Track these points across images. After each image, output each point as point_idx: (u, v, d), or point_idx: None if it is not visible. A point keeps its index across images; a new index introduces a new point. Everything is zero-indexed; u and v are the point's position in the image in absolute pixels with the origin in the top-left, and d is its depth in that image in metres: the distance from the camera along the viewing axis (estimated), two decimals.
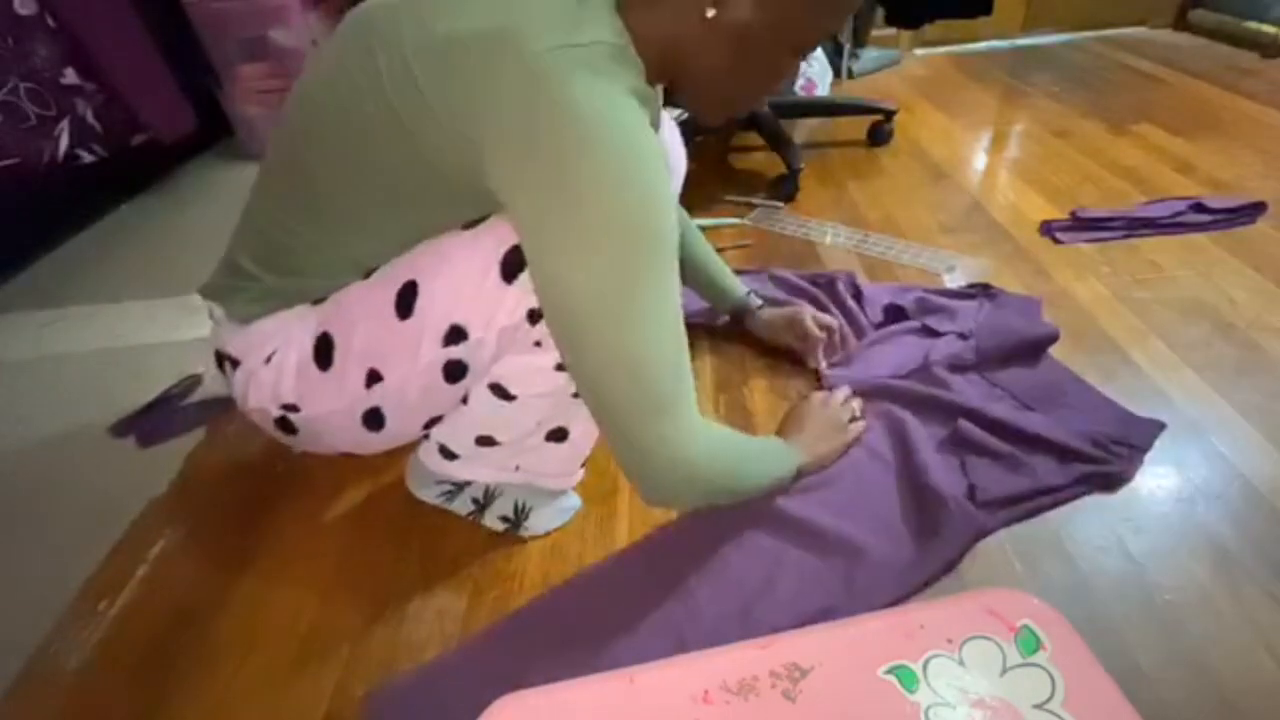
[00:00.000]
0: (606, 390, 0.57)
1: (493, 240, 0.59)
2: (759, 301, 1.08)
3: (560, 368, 0.63)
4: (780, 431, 0.88)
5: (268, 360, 0.68)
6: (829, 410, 0.88)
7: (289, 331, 0.67)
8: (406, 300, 0.61)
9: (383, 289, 0.63)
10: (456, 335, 0.61)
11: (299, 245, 0.65)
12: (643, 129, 0.54)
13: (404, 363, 0.63)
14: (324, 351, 0.65)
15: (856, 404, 0.91)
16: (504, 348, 0.63)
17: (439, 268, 0.60)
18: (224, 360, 0.72)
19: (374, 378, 0.64)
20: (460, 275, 0.59)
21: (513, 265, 0.58)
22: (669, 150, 0.89)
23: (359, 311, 0.64)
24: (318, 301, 0.67)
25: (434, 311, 0.60)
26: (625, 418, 0.57)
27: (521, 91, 0.51)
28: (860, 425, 0.88)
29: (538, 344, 0.62)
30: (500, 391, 0.66)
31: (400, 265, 0.63)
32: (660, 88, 0.72)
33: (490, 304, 0.59)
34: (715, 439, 0.65)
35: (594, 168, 0.51)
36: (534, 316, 0.60)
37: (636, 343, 0.55)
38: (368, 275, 0.65)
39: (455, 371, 0.63)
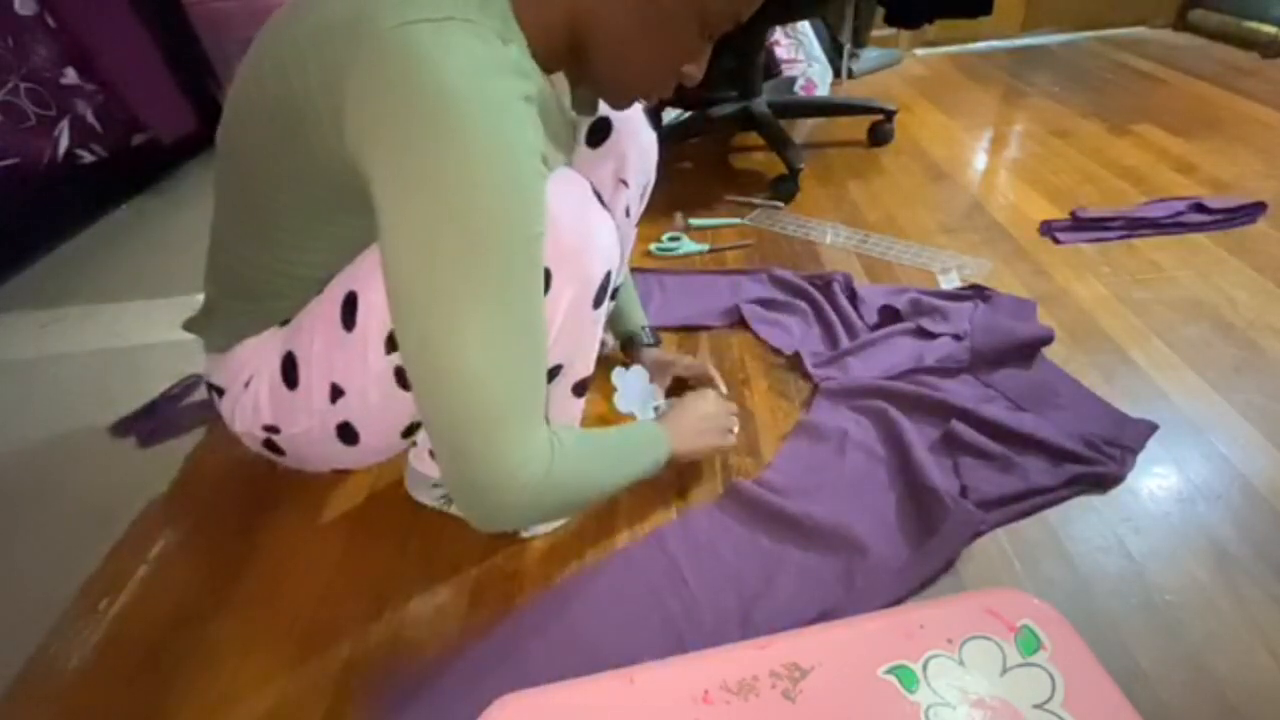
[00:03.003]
0: (432, 400, 0.52)
1: None
2: (650, 340, 1.01)
3: None
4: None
5: (246, 385, 0.69)
6: (710, 407, 0.83)
7: (261, 355, 0.68)
8: (349, 311, 0.61)
9: (330, 303, 0.63)
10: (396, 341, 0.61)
11: (251, 268, 0.66)
12: (502, 106, 0.49)
13: (358, 374, 0.63)
14: (290, 371, 0.66)
15: (733, 410, 0.87)
16: None
17: (372, 275, 0.60)
18: (212, 390, 0.74)
19: (336, 392, 0.65)
20: None
21: None
22: (634, 132, 0.85)
23: (313, 327, 0.65)
24: (285, 323, 0.68)
25: (372, 319, 0.61)
26: (452, 433, 0.52)
27: (367, 71, 0.48)
28: (732, 439, 0.84)
29: None
30: None
31: (343, 276, 0.63)
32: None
33: None
34: (566, 454, 0.58)
35: (442, 146, 0.47)
36: None
37: (469, 347, 0.50)
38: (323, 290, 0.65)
39: (407, 378, 0.63)
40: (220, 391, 0.72)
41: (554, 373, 0.66)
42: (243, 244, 0.65)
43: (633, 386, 0.97)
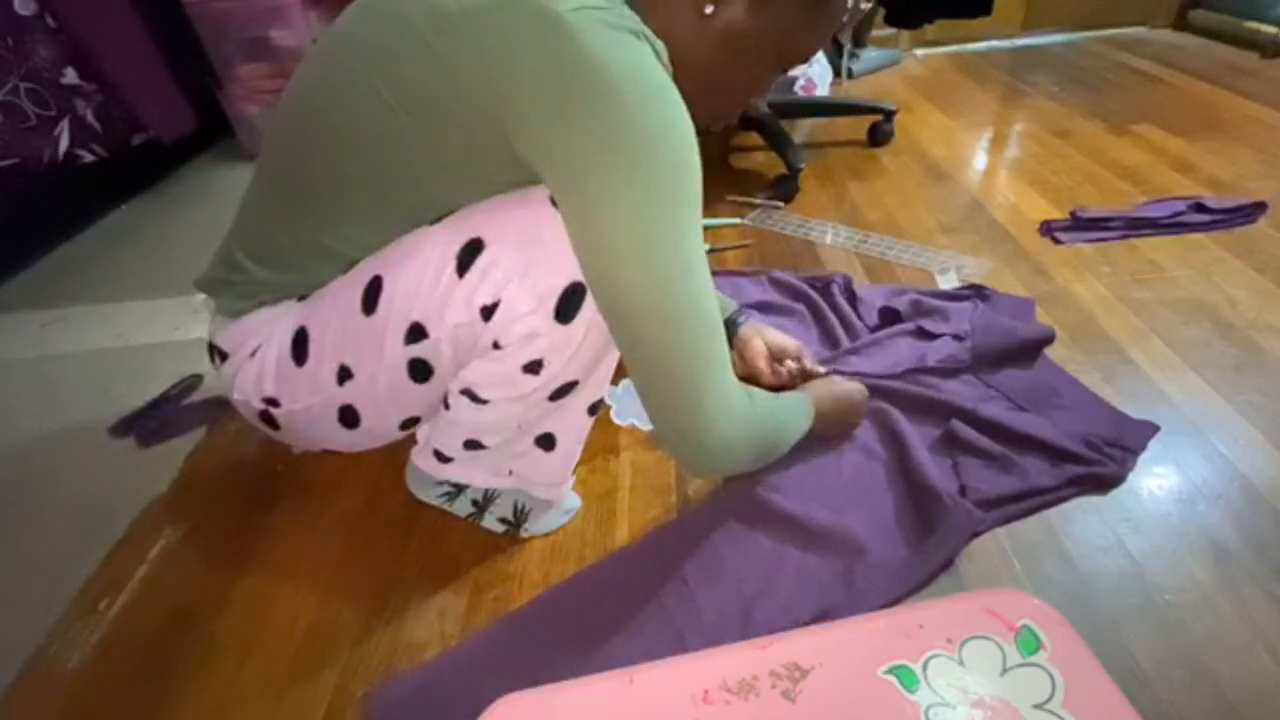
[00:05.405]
0: (661, 338, 0.55)
1: (453, 234, 0.59)
2: (744, 318, 0.97)
3: (528, 369, 0.62)
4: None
5: (252, 354, 0.69)
6: (852, 402, 0.87)
7: (273, 326, 0.68)
8: (372, 296, 0.61)
9: (354, 285, 0.63)
10: (417, 333, 0.61)
11: (292, 240, 0.65)
12: (671, 84, 0.53)
13: (371, 360, 0.63)
14: (300, 346, 0.65)
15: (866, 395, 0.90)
16: (462, 348, 0.62)
17: (402, 263, 0.60)
18: (214, 353, 0.72)
19: (345, 374, 0.65)
20: (420, 270, 0.59)
21: (468, 258, 0.58)
22: None
23: (332, 307, 0.64)
24: (303, 298, 0.67)
25: (395, 308, 0.61)
26: (681, 368, 0.56)
27: (547, 46, 0.50)
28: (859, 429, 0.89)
29: (496, 345, 0.61)
30: (472, 396, 0.65)
31: (372, 261, 0.63)
32: None
33: (444, 299, 0.59)
34: (755, 393, 0.66)
35: (634, 114, 0.50)
36: (487, 312, 0.59)
37: (687, 287, 0.55)
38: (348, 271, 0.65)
39: (420, 371, 0.63)
40: (223, 355, 0.71)
41: (571, 387, 0.66)
42: (289, 213, 0.65)
43: (625, 400, 0.97)
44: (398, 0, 0.56)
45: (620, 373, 1.02)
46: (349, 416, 0.68)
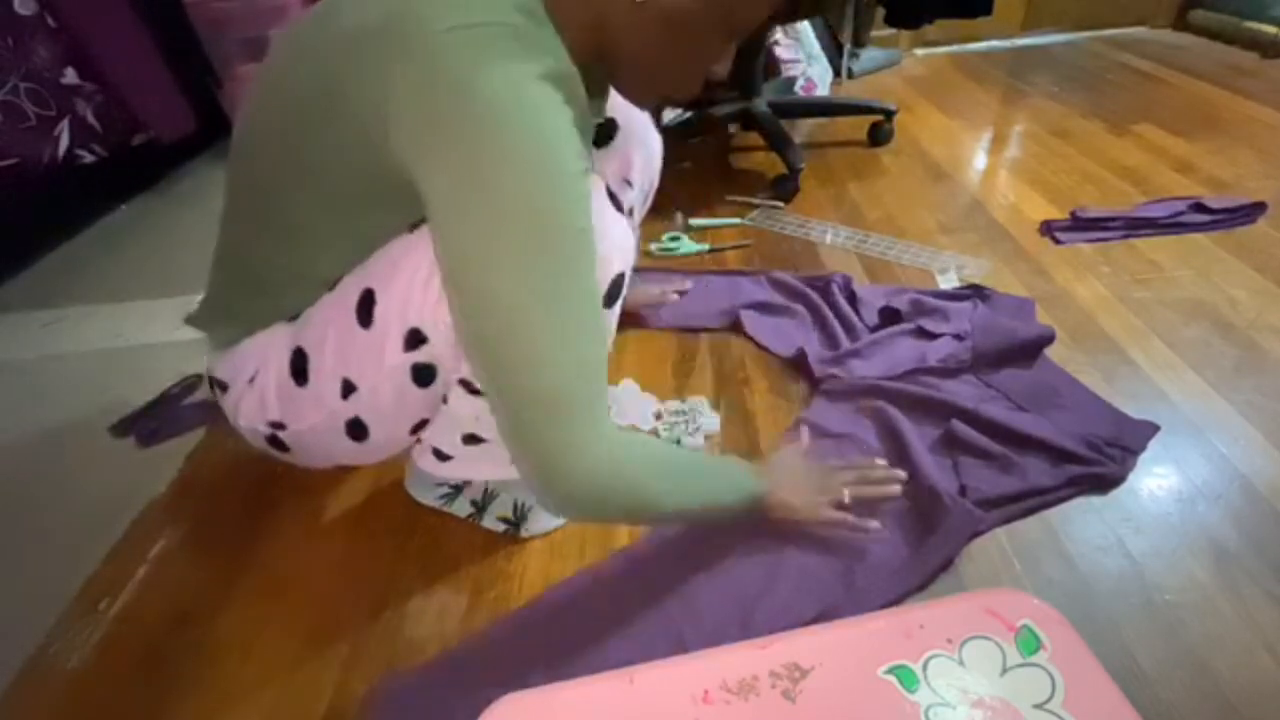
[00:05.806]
0: (505, 386, 0.53)
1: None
2: None
3: None
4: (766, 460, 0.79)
5: (250, 381, 0.69)
6: (821, 475, 0.77)
7: (268, 351, 0.68)
8: (366, 309, 0.62)
9: (344, 300, 0.63)
10: (416, 338, 0.61)
11: (264, 265, 0.66)
12: (548, 111, 0.51)
13: (373, 371, 0.63)
14: (299, 366, 0.66)
15: (851, 490, 0.75)
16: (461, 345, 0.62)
17: (391, 273, 0.61)
18: (215, 385, 0.73)
19: (348, 388, 0.65)
20: (409, 278, 0.59)
21: None
22: (640, 135, 0.87)
23: (326, 324, 0.65)
24: (293, 319, 0.68)
25: (391, 317, 0.61)
26: (525, 419, 0.53)
27: (419, 74, 0.49)
28: (832, 513, 0.74)
29: None
30: (469, 387, 0.65)
31: (358, 274, 0.63)
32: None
33: (437, 302, 0.59)
34: (634, 452, 0.59)
35: (497, 151, 0.49)
36: None
37: (539, 336, 0.51)
38: (334, 288, 0.65)
39: (423, 375, 0.64)
40: (224, 386, 0.72)
41: None
42: (255, 239, 0.65)
43: (625, 400, 0.97)
44: (315, 17, 0.57)
45: (619, 372, 1.02)
46: (357, 429, 0.68)
